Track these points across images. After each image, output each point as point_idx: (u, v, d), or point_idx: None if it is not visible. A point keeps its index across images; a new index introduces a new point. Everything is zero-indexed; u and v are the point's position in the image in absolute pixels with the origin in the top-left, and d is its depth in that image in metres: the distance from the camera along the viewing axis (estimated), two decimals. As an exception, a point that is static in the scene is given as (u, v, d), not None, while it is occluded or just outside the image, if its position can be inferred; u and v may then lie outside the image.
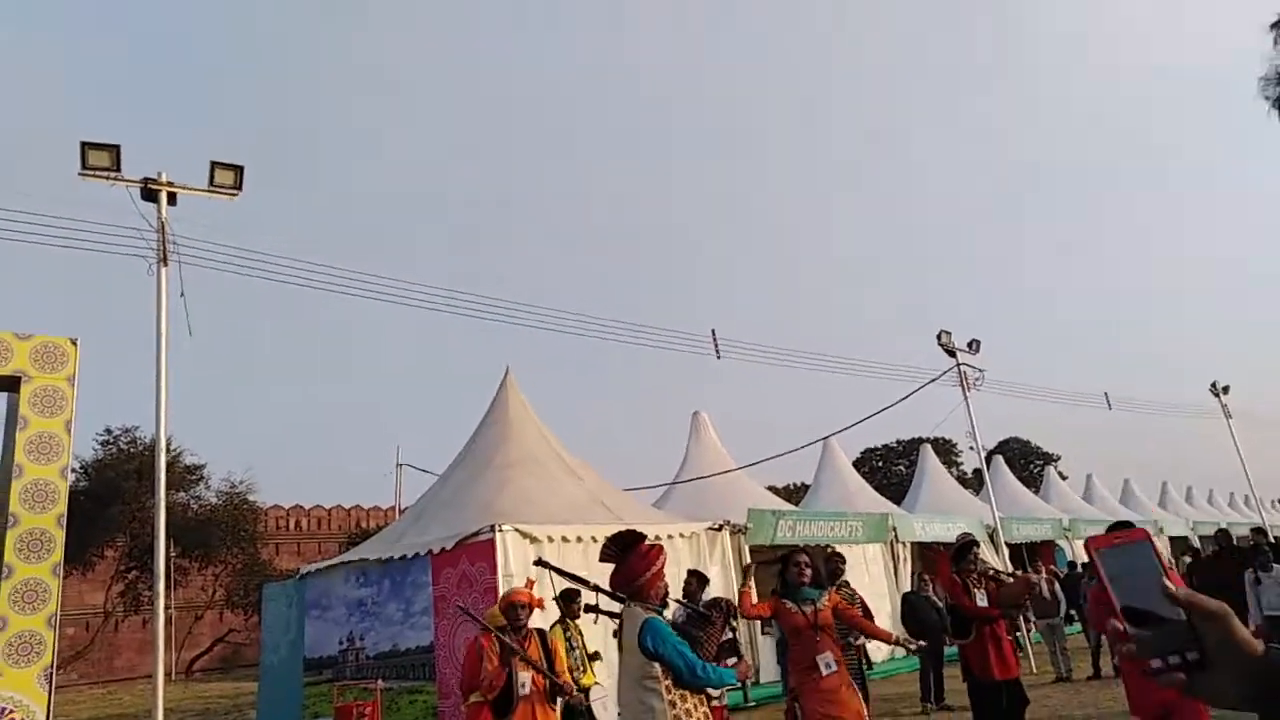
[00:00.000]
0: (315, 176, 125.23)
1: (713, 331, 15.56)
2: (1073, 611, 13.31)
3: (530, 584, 6.29)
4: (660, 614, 4.01)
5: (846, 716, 4.97)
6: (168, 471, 7.83)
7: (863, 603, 8.44)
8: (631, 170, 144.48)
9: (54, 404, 11.28)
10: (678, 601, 7.78)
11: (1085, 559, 21.21)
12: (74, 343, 11.68)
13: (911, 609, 11.43)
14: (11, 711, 10.04)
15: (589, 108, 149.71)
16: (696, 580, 8.21)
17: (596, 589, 4.73)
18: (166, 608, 8.67)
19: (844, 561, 8.95)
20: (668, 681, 3.72)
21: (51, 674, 10.44)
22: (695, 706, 3.75)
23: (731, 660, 6.06)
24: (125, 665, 35.66)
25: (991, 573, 7.28)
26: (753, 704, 11.21)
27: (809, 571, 5.34)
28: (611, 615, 5.92)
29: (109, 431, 31.22)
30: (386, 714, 10.10)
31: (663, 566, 4.14)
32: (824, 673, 5.03)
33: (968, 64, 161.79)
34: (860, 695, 5.35)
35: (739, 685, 5.24)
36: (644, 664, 3.73)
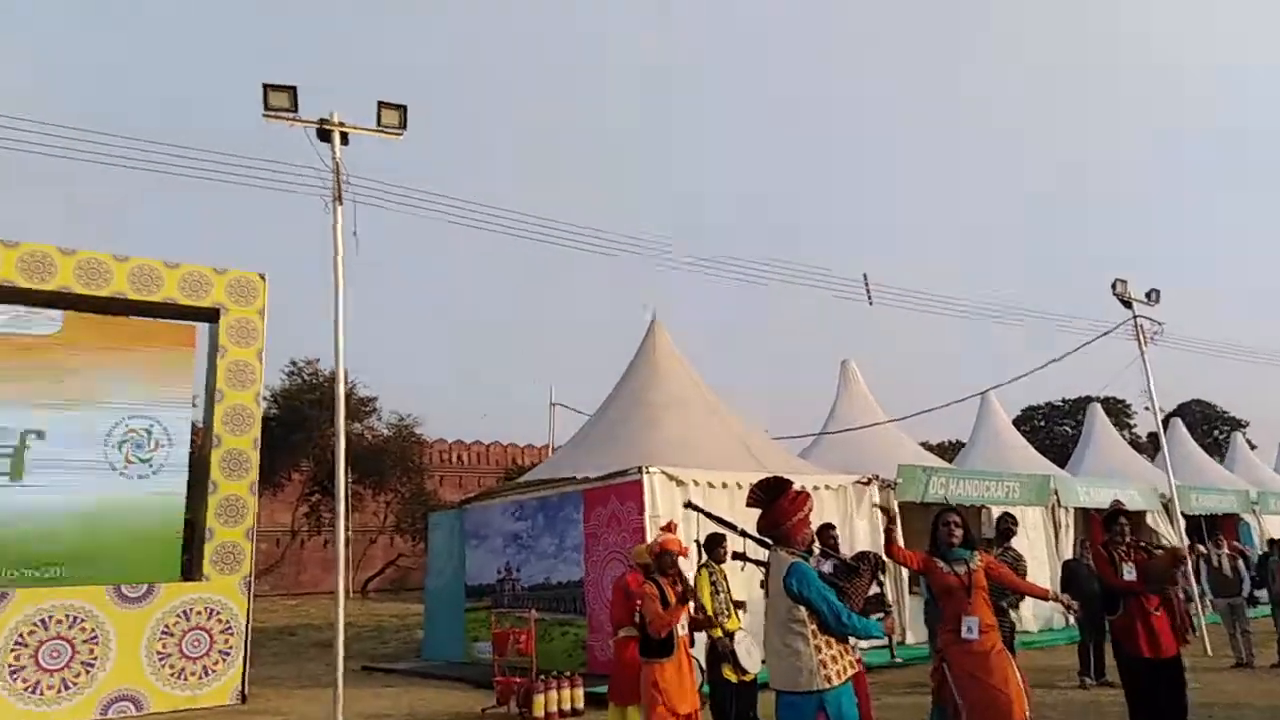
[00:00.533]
0: (461, 116, 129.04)
1: (864, 275, 15.03)
2: (1257, 594, 12.26)
3: (673, 527, 6.40)
4: (806, 560, 4.02)
5: (994, 682, 4.79)
6: (344, 403, 8.42)
7: (1024, 568, 8.13)
8: (790, 104, 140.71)
9: (247, 335, 12.40)
10: (825, 551, 7.74)
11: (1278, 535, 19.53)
12: (263, 277, 12.77)
13: (1072, 576, 10.89)
14: (218, 613, 11.29)
15: (763, 40, 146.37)
16: (826, 533, 8.17)
17: (744, 533, 4.79)
18: (345, 530, 9.44)
19: (1015, 523, 8.63)
20: (814, 626, 3.75)
21: (250, 582, 11.65)
22: (841, 654, 3.78)
23: (878, 615, 6.00)
24: (310, 580, 39.08)
25: (1143, 544, 6.85)
26: (899, 662, 11.07)
27: (959, 531, 5.17)
28: (759, 564, 5.97)
29: (294, 363, 33.84)
30: (539, 643, 10.64)
31: (809, 513, 4.16)
32: (969, 636, 4.89)
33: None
34: (1014, 662, 5.15)
35: (884, 641, 5.14)
36: (790, 607, 3.78)
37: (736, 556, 5.84)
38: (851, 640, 3.91)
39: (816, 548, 7.37)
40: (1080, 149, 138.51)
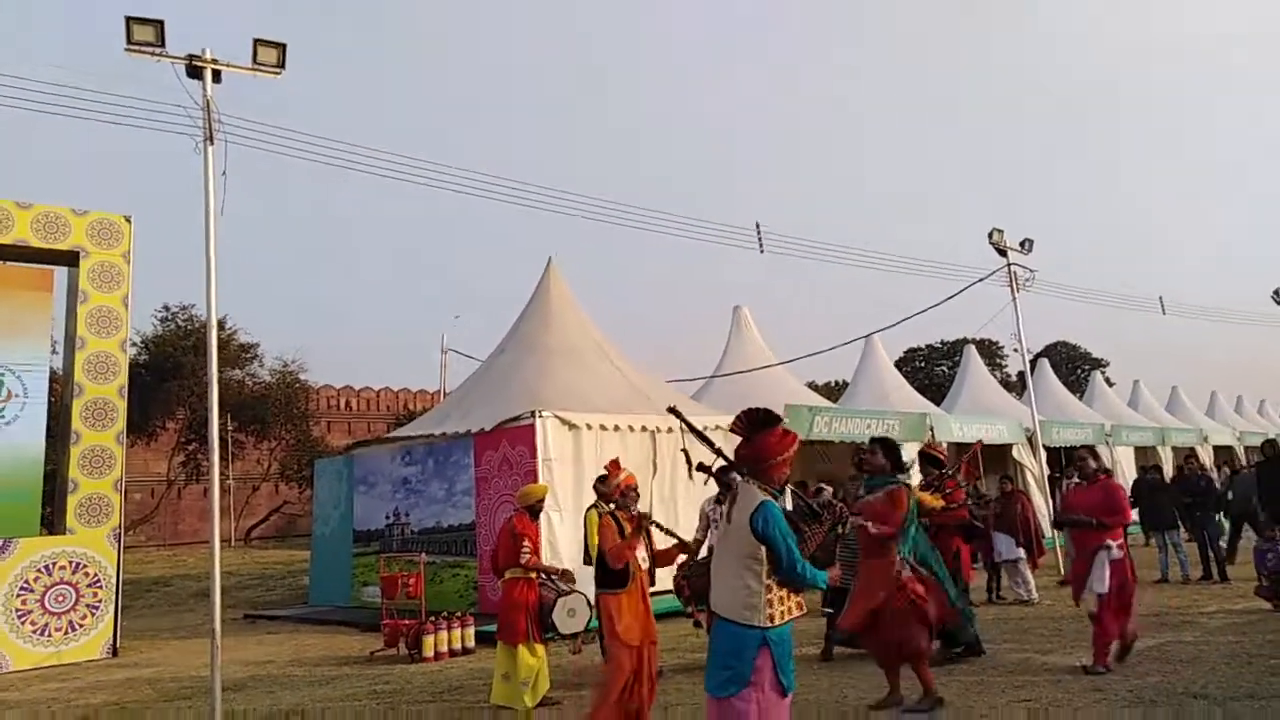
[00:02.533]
0: (354, 58, 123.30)
1: (756, 225, 15.26)
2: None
3: (616, 465, 6.33)
4: (777, 499, 3.94)
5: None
6: (222, 349, 8.06)
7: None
8: (677, 63, 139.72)
9: (111, 279, 11.66)
10: (795, 493, 7.92)
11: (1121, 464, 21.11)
12: (128, 220, 11.99)
13: None
14: (84, 565, 10.78)
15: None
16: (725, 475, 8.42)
17: (719, 452, 4.69)
18: (225, 478, 9.08)
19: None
20: (769, 566, 3.73)
21: (120, 534, 11.15)
22: (788, 595, 3.80)
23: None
24: (189, 530, 37.77)
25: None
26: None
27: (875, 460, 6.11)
28: (721, 483, 6.01)
29: (167, 308, 32.19)
30: (429, 586, 10.63)
31: (793, 455, 3.99)
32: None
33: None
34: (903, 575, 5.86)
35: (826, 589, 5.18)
36: (750, 543, 3.72)
37: (701, 468, 5.81)
38: None
39: (790, 489, 7.56)
40: (957, 108, 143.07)
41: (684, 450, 5.11)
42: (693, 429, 4.98)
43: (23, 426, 10.95)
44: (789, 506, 6.34)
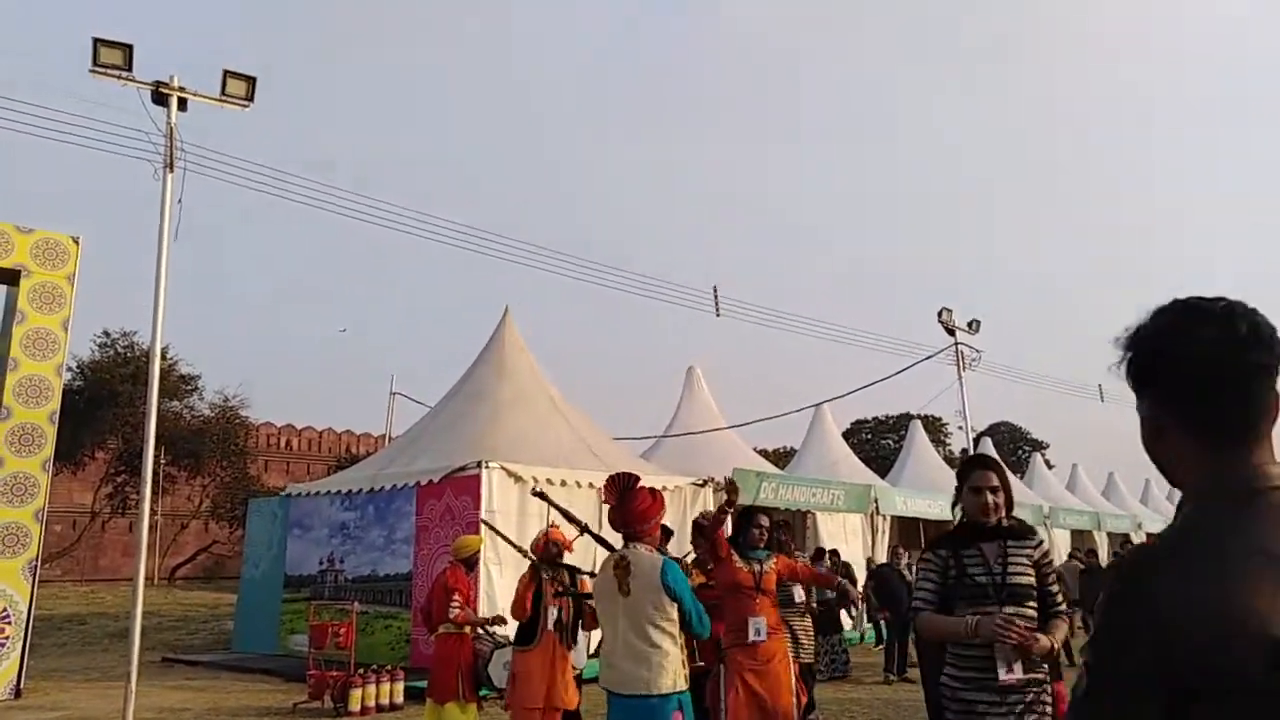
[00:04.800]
0: (320, 99, 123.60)
1: (714, 288, 15.52)
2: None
3: (556, 530, 6.20)
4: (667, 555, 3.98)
5: (769, 690, 4.71)
6: (162, 379, 7.86)
7: (848, 570, 8.32)
8: (644, 125, 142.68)
9: (53, 301, 11.33)
10: (661, 552, 7.85)
11: (1060, 547, 21.47)
12: (76, 241, 11.71)
13: (884, 581, 11.62)
14: (-7, 599, 10.23)
15: (599, 51, 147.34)
16: (664, 535, 8.30)
17: (585, 529, 4.74)
18: (153, 513, 8.77)
19: (789, 536, 8.40)
20: (679, 625, 3.72)
21: (36, 567, 10.64)
22: (687, 656, 3.80)
23: None
24: (109, 566, 36.15)
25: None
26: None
27: (767, 535, 5.20)
28: (608, 546, 5.92)
29: (107, 334, 31.27)
30: (360, 636, 10.29)
31: (662, 516, 4.10)
32: (757, 638, 4.81)
33: (996, 37, 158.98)
34: (792, 672, 5.08)
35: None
36: (662, 604, 3.69)
37: (587, 533, 5.70)
38: None
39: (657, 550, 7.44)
40: (922, 181, 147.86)
41: (553, 525, 5.22)
42: (562, 511, 5.19)
43: (-57, 448, 10.48)
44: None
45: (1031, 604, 3.10)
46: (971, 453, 18.42)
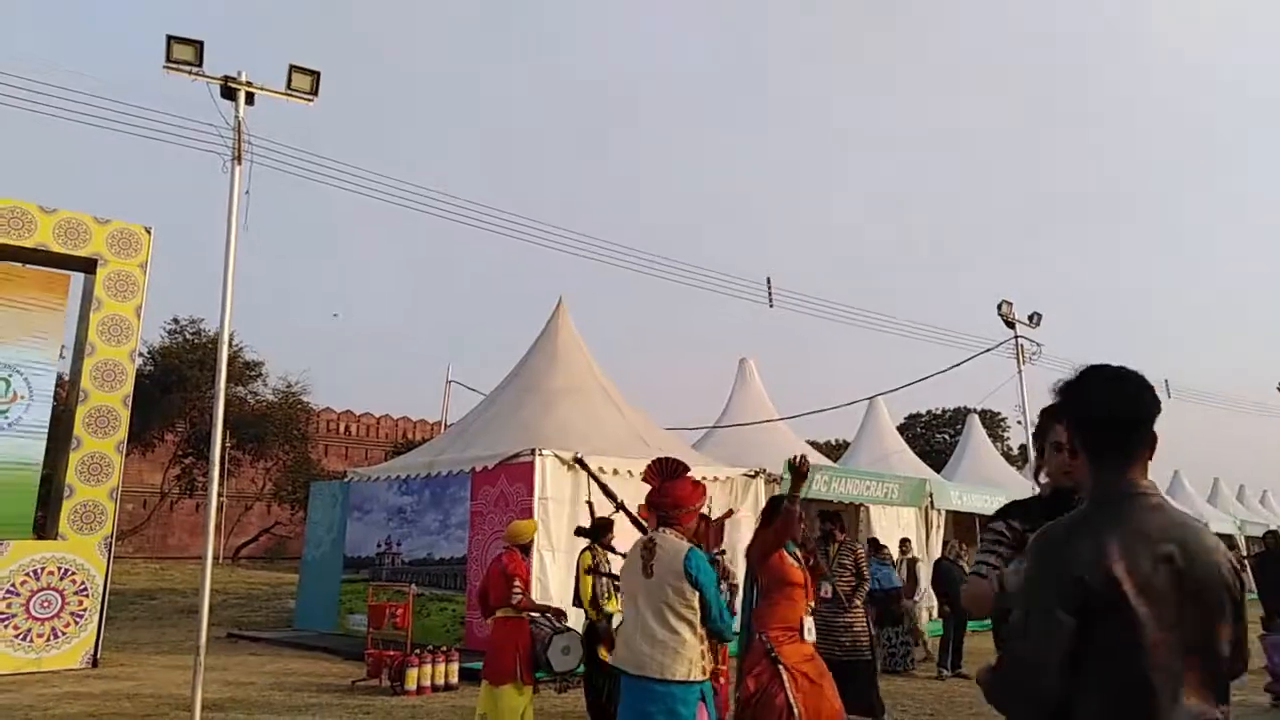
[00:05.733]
0: (384, 94, 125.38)
1: (768, 279, 15.43)
2: None
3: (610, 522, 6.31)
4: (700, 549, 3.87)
5: (827, 689, 4.56)
6: (228, 365, 8.13)
7: (858, 565, 7.76)
8: (705, 116, 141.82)
9: (126, 288, 11.76)
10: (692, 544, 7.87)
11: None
12: (148, 231, 12.13)
13: (945, 575, 11.46)
14: (72, 573, 10.72)
15: (662, 50, 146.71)
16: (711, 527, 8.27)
17: (621, 507, 4.74)
18: (219, 495, 9.12)
19: (840, 528, 8.06)
20: (700, 616, 3.67)
21: (111, 543, 11.10)
22: (707, 648, 3.74)
23: None
24: (178, 544, 37.48)
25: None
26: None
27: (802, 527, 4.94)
28: (640, 527, 5.97)
29: (176, 321, 32.33)
30: (416, 618, 10.52)
31: (702, 507, 4.02)
32: (810, 638, 4.71)
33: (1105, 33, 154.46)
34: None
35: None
36: (683, 591, 3.64)
37: (580, 532, 5.75)
38: None
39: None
40: (990, 182, 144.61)
41: (588, 502, 5.11)
42: (599, 481, 5.13)
43: (25, 428, 10.98)
44: None
45: None
46: (1030, 447, 18.04)
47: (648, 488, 4.07)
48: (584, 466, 5.31)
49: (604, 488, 5.04)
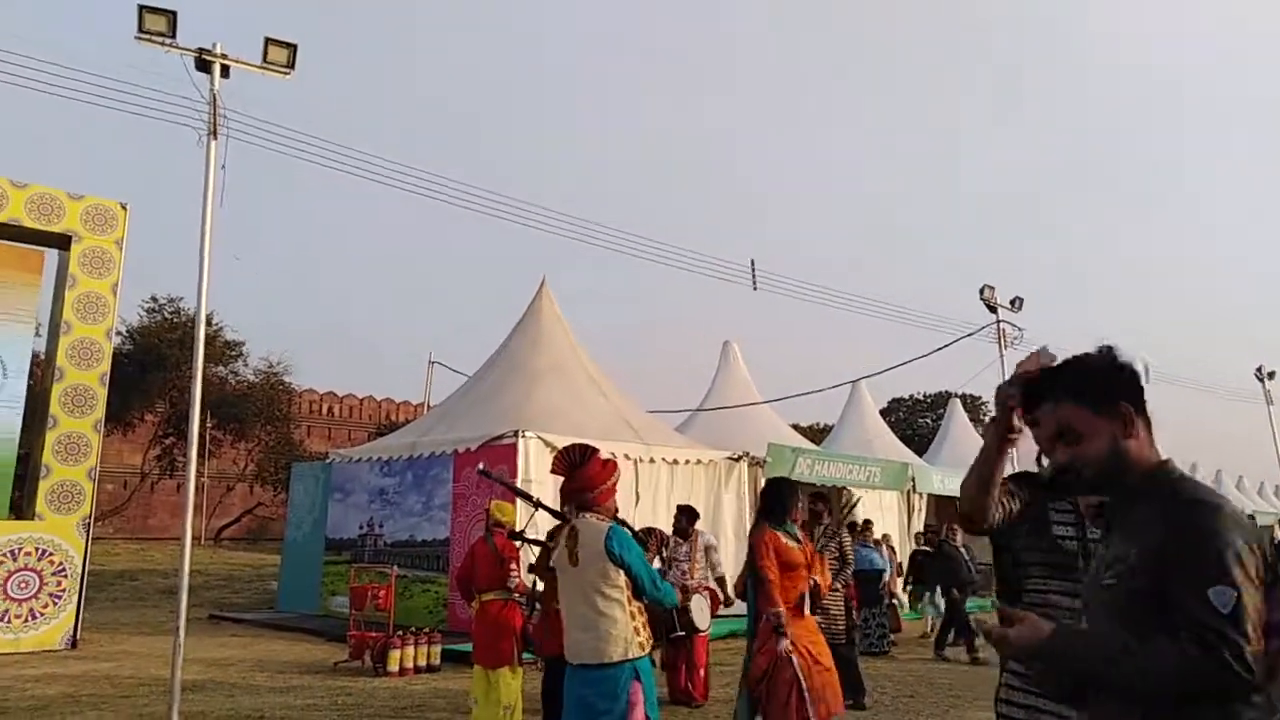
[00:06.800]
0: (363, 69, 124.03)
1: (751, 262, 15.39)
2: None
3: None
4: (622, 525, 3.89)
5: (827, 663, 4.99)
6: (208, 345, 8.01)
7: (841, 548, 7.86)
8: (689, 93, 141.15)
9: (102, 265, 11.59)
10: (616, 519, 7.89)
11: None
12: (124, 206, 11.94)
13: (948, 560, 11.54)
14: (50, 553, 10.61)
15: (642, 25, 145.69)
16: (686, 517, 8.26)
17: (538, 504, 4.72)
18: (199, 476, 9.03)
19: (828, 511, 8.10)
20: (629, 592, 3.67)
21: (89, 524, 10.99)
22: (645, 622, 3.74)
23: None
24: (159, 525, 37.21)
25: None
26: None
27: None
28: (562, 518, 5.92)
29: (154, 300, 31.92)
30: (399, 600, 10.50)
31: (616, 482, 4.00)
32: (807, 613, 5.13)
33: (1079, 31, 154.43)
34: None
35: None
36: (609, 573, 3.64)
37: (513, 536, 5.77)
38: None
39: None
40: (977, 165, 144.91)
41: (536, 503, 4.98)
42: (510, 487, 5.20)
43: (1, 407, 10.83)
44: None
45: None
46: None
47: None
48: (490, 476, 5.28)
49: (516, 490, 5.03)
